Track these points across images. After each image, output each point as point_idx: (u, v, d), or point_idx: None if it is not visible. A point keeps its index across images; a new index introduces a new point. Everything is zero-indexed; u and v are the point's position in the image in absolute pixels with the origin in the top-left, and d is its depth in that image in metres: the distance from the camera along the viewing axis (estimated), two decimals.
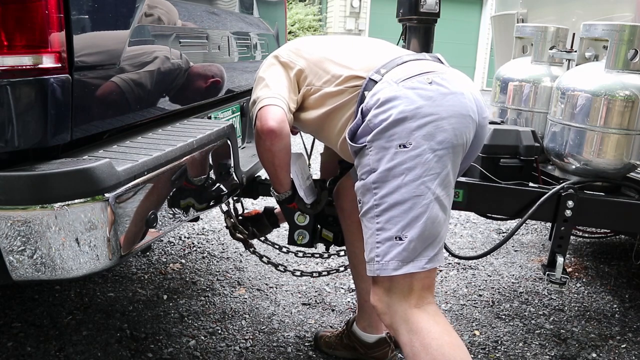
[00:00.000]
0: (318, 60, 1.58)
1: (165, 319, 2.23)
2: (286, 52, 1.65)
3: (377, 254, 1.35)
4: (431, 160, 1.30)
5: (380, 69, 1.43)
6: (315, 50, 1.62)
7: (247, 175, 1.90)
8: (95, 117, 1.30)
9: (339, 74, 1.51)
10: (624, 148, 1.97)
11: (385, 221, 1.33)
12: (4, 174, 1.05)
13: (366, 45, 1.65)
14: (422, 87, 1.33)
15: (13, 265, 1.09)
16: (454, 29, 12.92)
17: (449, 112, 1.32)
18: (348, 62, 1.53)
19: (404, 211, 1.32)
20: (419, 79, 1.35)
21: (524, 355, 2.13)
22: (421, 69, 1.39)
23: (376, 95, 1.37)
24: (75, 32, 1.16)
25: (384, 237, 1.33)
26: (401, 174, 1.30)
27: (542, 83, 2.46)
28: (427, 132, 1.30)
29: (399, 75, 1.37)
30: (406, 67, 1.41)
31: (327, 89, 1.52)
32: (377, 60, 1.48)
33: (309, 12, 14.06)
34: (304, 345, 2.10)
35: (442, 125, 1.31)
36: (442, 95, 1.33)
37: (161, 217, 1.31)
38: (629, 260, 3.08)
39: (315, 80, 1.56)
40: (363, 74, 1.45)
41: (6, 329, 2.07)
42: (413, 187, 1.30)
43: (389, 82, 1.37)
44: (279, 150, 1.53)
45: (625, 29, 1.97)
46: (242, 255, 2.89)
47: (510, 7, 3.80)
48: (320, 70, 1.56)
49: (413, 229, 1.32)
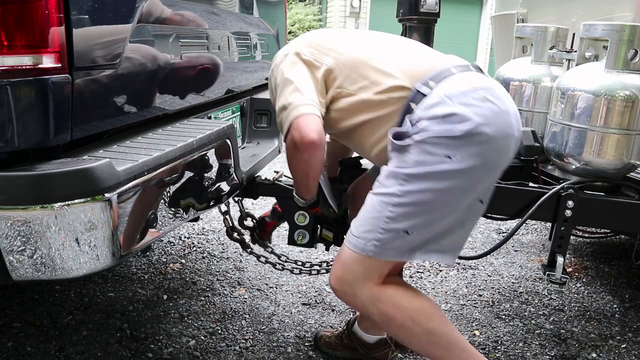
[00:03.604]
0: (349, 61, 1.49)
1: (165, 319, 2.23)
2: (307, 49, 1.54)
3: (377, 239, 1.36)
4: (471, 178, 1.33)
5: (429, 81, 1.38)
6: (343, 49, 1.53)
7: (247, 175, 1.90)
8: (95, 117, 1.30)
9: (380, 82, 1.43)
10: (624, 148, 1.97)
11: (401, 214, 1.34)
12: (4, 174, 1.05)
13: (398, 46, 1.57)
14: (477, 104, 1.32)
15: (13, 265, 1.09)
16: (454, 29, 12.91)
17: (499, 133, 1.34)
18: (388, 68, 1.44)
19: (423, 212, 1.34)
20: (472, 95, 1.33)
21: (524, 355, 2.13)
22: (472, 83, 1.36)
23: (430, 110, 1.33)
24: (75, 32, 1.16)
25: (392, 227, 1.34)
26: (437, 179, 1.31)
27: (542, 83, 2.45)
28: (475, 151, 1.31)
29: (451, 91, 1.34)
30: (457, 80, 1.37)
31: (365, 96, 1.44)
32: (419, 67, 1.43)
33: (309, 12, 14.05)
34: (304, 345, 2.10)
35: (491, 146, 1.33)
36: (495, 114, 1.34)
37: (161, 217, 1.31)
38: (629, 260, 3.08)
39: (347, 84, 1.48)
40: (408, 84, 1.39)
41: (6, 329, 2.07)
42: (444, 195, 1.33)
43: (442, 98, 1.33)
44: (317, 162, 1.48)
45: (625, 29, 1.97)
46: (242, 255, 2.89)
47: (510, 7, 3.81)
48: (353, 73, 1.47)
49: (424, 230, 1.36)
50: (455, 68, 1.41)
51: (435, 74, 1.39)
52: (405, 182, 1.33)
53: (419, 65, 1.44)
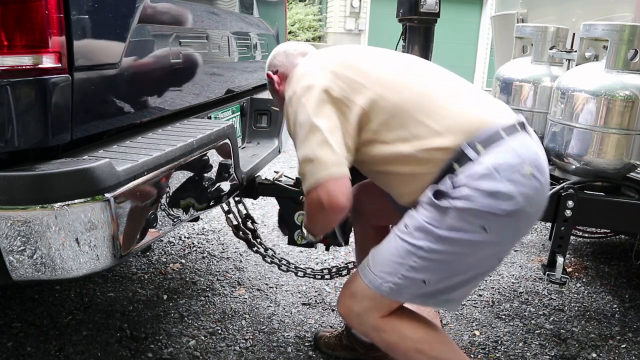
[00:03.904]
0: (388, 105, 1.35)
1: (165, 319, 2.23)
2: (337, 85, 1.38)
3: (395, 283, 1.36)
4: (500, 246, 1.38)
5: (476, 144, 1.29)
6: (378, 85, 1.37)
7: (247, 175, 1.90)
8: (95, 117, 1.30)
9: (422, 136, 1.32)
10: (624, 148, 1.97)
11: (424, 267, 1.34)
12: (4, 174, 1.06)
13: (441, 85, 1.44)
14: (523, 182, 1.29)
15: (13, 265, 1.09)
16: (454, 29, 12.91)
17: (537, 210, 1.37)
18: (432, 121, 1.33)
19: (446, 270, 1.36)
20: (520, 171, 1.29)
21: (524, 355, 2.13)
22: (520, 154, 1.30)
23: (476, 181, 1.27)
24: (75, 32, 1.16)
25: (413, 276, 1.35)
26: (468, 246, 1.32)
27: (542, 83, 2.45)
28: (511, 226, 1.34)
29: (500, 163, 1.28)
30: (505, 150, 1.30)
31: (403, 149, 1.34)
32: (467, 121, 1.33)
33: (309, 12, 14.06)
34: (304, 345, 2.10)
35: (528, 220, 1.35)
36: (537, 192, 1.33)
37: (161, 217, 1.31)
38: (629, 260, 3.08)
39: (384, 130, 1.35)
40: (452, 144, 1.30)
41: (6, 329, 2.07)
42: (469, 259, 1.35)
43: (490, 171, 1.27)
44: (339, 220, 1.44)
45: (625, 29, 1.97)
46: (242, 255, 2.89)
47: (510, 7, 3.81)
48: (392, 120, 1.35)
49: (441, 283, 1.38)
50: (504, 130, 1.32)
51: (484, 136, 1.30)
52: (436, 242, 1.31)
53: (466, 118, 1.34)
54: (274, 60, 1.71)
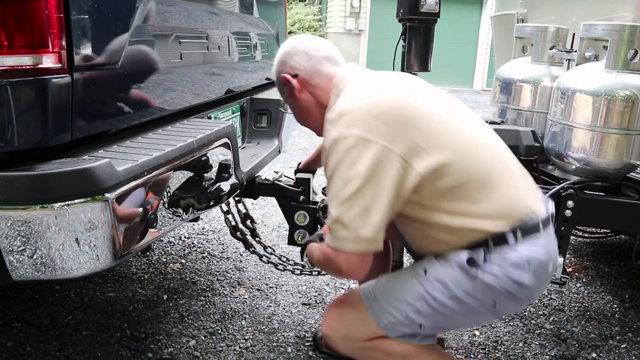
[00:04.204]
0: (449, 179, 1.26)
1: (165, 319, 2.23)
2: (397, 146, 1.23)
3: (396, 319, 1.37)
4: (499, 316, 1.48)
5: (518, 230, 1.28)
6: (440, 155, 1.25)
7: (247, 175, 1.90)
8: (95, 117, 1.30)
9: (471, 215, 1.28)
10: (624, 148, 1.97)
11: (428, 314, 1.36)
12: (4, 174, 1.05)
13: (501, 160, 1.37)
14: (543, 278, 1.36)
15: (13, 265, 1.09)
16: (454, 29, 12.91)
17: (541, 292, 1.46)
18: (486, 202, 1.28)
19: (446, 321, 1.41)
20: (546, 268, 1.34)
21: (524, 355, 2.13)
22: (549, 253, 1.34)
23: (508, 268, 1.28)
24: (75, 32, 1.16)
25: (415, 318, 1.36)
26: (476, 312, 1.36)
27: (542, 83, 2.46)
28: (515, 307, 1.42)
29: (533, 255, 1.29)
30: (540, 245, 1.31)
31: (447, 221, 1.29)
32: (514, 206, 1.31)
33: (309, 12, 14.06)
34: (304, 345, 2.10)
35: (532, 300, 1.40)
36: (548, 283, 1.43)
37: (161, 217, 1.31)
38: (629, 260, 3.08)
39: (434, 198, 1.28)
40: (498, 229, 1.28)
41: (6, 329, 2.07)
42: (468, 322, 1.46)
43: (524, 263, 1.28)
44: None
45: (625, 29, 1.97)
46: (242, 255, 2.89)
47: (510, 7, 3.80)
48: (447, 192, 1.28)
49: (435, 329, 1.44)
50: (542, 222, 1.33)
51: (526, 226, 1.30)
52: (449, 299, 1.33)
53: (517, 205, 1.31)
54: (291, 61, 1.51)
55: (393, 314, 1.37)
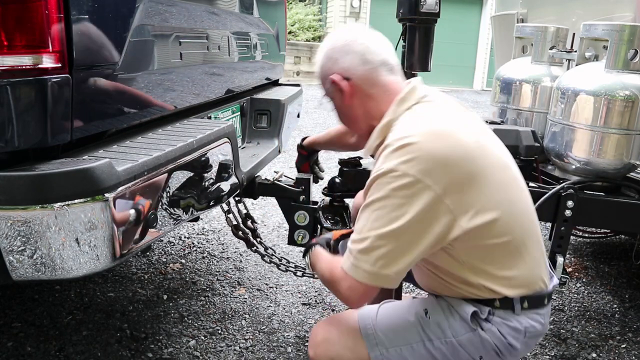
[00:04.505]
0: (487, 242, 1.22)
1: (165, 319, 2.23)
2: (451, 198, 1.15)
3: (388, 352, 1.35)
4: None
5: (526, 300, 1.28)
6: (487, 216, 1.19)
7: (247, 175, 1.90)
8: (95, 117, 1.30)
9: (494, 278, 1.26)
10: (624, 148, 1.97)
11: (420, 355, 1.34)
12: (4, 174, 1.05)
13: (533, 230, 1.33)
14: (532, 346, 1.39)
15: (13, 265, 1.09)
16: (454, 29, 12.92)
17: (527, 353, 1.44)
18: (512, 269, 1.27)
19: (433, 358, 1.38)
20: (537, 338, 1.38)
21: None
22: (544, 325, 1.34)
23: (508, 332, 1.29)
24: (75, 32, 1.16)
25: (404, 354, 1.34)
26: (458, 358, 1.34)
27: (542, 83, 2.46)
28: None
29: (532, 325, 1.31)
30: (540, 318, 1.33)
31: (467, 276, 1.26)
32: (534, 275, 1.31)
33: (309, 12, 14.07)
34: (304, 345, 2.10)
35: None
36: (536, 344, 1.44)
37: (161, 217, 1.31)
38: (629, 260, 3.08)
39: (462, 253, 1.23)
40: (512, 295, 1.27)
41: (6, 329, 2.07)
42: None
43: (522, 329, 1.30)
44: None
45: (625, 29, 1.97)
46: (242, 255, 2.89)
47: (510, 7, 3.80)
48: (479, 251, 1.23)
49: None
50: (547, 296, 1.34)
51: (535, 298, 1.30)
52: (443, 343, 1.32)
53: (534, 276, 1.31)
54: (343, 60, 1.33)
55: (387, 347, 1.36)
